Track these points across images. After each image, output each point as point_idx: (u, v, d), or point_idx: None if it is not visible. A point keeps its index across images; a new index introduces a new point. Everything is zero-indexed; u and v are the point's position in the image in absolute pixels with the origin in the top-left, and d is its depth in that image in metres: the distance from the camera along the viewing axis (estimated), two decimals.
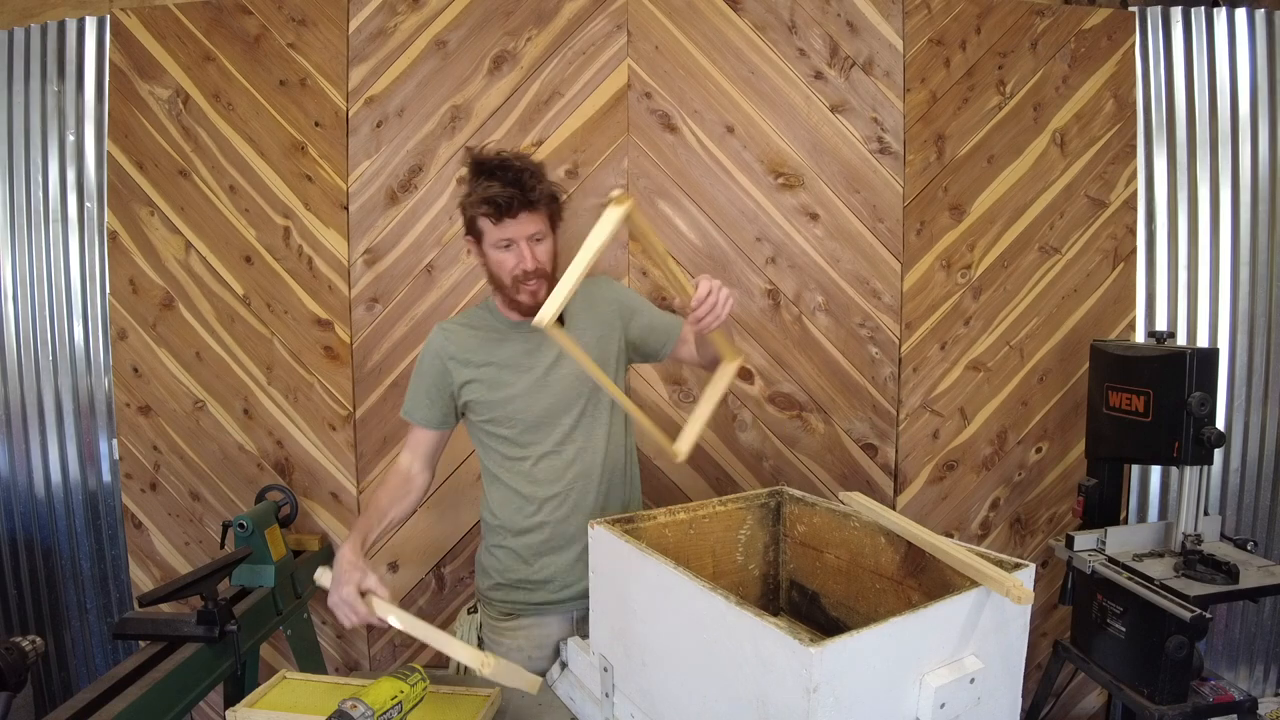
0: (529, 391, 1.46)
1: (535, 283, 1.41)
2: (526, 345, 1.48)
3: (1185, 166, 2.13)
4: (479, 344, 1.49)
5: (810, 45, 2.04)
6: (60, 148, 2.12)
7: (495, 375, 1.47)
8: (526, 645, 1.52)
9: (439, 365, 1.49)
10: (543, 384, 1.46)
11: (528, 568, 1.50)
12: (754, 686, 0.84)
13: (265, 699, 1.25)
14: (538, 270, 1.40)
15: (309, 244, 2.07)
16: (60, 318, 2.15)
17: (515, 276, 1.40)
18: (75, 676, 2.25)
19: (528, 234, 1.39)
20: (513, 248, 1.39)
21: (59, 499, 2.19)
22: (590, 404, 1.48)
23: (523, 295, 1.42)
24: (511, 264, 1.40)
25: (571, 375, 1.46)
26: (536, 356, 1.47)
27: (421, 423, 1.51)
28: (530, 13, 2.01)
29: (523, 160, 1.39)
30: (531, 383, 1.46)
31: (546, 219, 1.43)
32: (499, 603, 1.54)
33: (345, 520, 2.11)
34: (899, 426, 2.12)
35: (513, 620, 1.53)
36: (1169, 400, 1.63)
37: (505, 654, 1.52)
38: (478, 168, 1.40)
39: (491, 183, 1.35)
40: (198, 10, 2.04)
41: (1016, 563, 0.95)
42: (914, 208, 2.08)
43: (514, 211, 1.35)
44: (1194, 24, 2.10)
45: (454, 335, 1.50)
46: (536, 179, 1.38)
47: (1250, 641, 2.26)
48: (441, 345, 1.49)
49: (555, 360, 1.47)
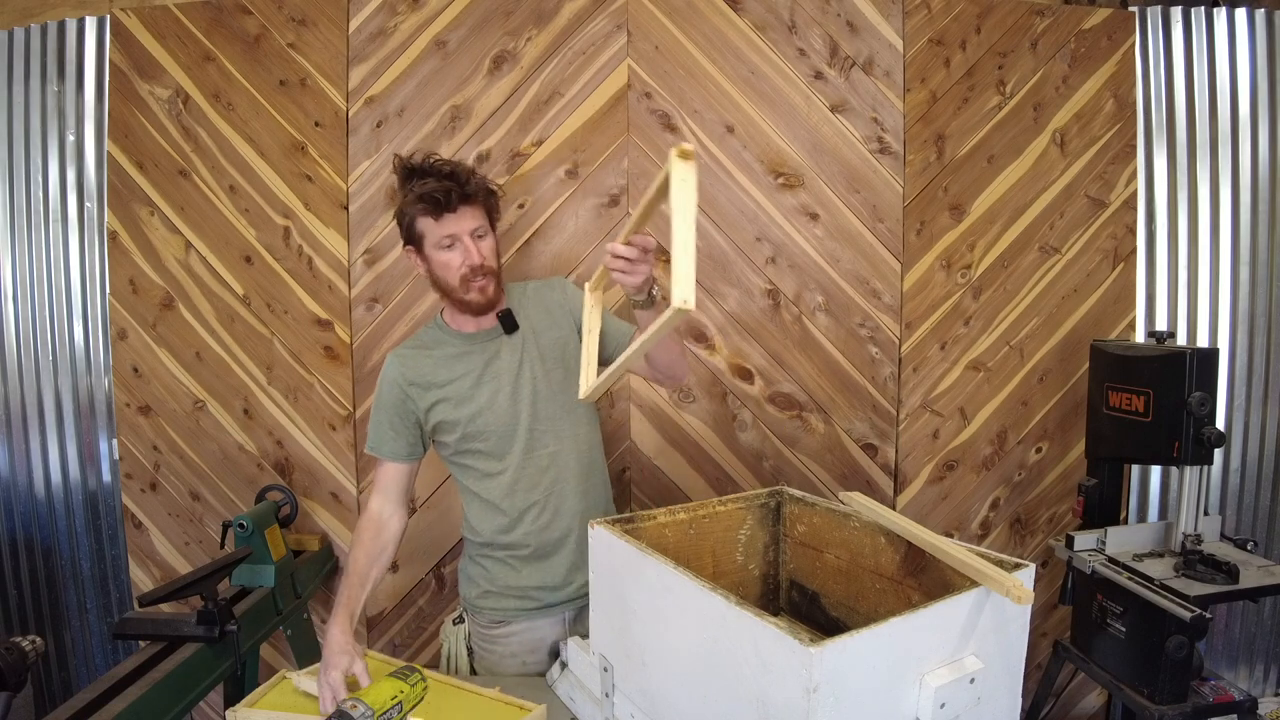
0: (495, 401, 1.45)
1: (484, 279, 1.40)
2: (484, 355, 1.47)
3: (1185, 166, 2.13)
4: (435, 365, 1.47)
5: (810, 45, 2.04)
6: (60, 148, 2.12)
7: (460, 391, 1.45)
8: (520, 650, 1.52)
9: (398, 394, 1.46)
10: (509, 392, 1.45)
11: (516, 575, 1.50)
12: (754, 686, 0.84)
13: (265, 699, 1.26)
14: (484, 266, 1.40)
15: (309, 244, 2.07)
16: (60, 318, 2.15)
17: (463, 275, 1.39)
18: (75, 676, 2.24)
19: (470, 229, 1.38)
20: (456, 245, 1.39)
21: (59, 499, 2.19)
22: (559, 406, 1.48)
23: (472, 294, 1.41)
24: (458, 262, 1.39)
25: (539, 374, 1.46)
26: (497, 364, 1.46)
27: (390, 456, 1.48)
28: (530, 13, 2.01)
29: (452, 161, 1.41)
30: (496, 392, 1.45)
31: (485, 214, 1.43)
32: (489, 610, 1.53)
33: (345, 520, 2.12)
34: (899, 426, 2.12)
35: (504, 627, 1.52)
36: (1169, 400, 1.63)
37: (498, 661, 1.52)
38: (408, 172, 1.41)
39: (426, 180, 1.36)
40: (198, 10, 2.04)
41: (1016, 563, 0.95)
42: (914, 208, 2.08)
43: (453, 205, 1.35)
44: (1194, 24, 2.10)
45: (409, 360, 1.47)
46: (469, 174, 1.40)
47: (1250, 641, 2.26)
48: (399, 373, 1.46)
49: (518, 366, 1.46)
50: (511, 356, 1.47)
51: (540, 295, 1.54)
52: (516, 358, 1.47)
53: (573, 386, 1.47)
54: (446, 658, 1.60)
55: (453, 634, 1.61)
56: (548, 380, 1.48)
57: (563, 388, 1.48)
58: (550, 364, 1.49)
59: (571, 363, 1.49)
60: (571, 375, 1.49)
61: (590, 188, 2.04)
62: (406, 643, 2.15)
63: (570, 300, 1.54)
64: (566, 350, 1.50)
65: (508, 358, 1.47)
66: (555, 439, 1.48)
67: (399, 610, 2.14)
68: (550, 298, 1.54)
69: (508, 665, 1.53)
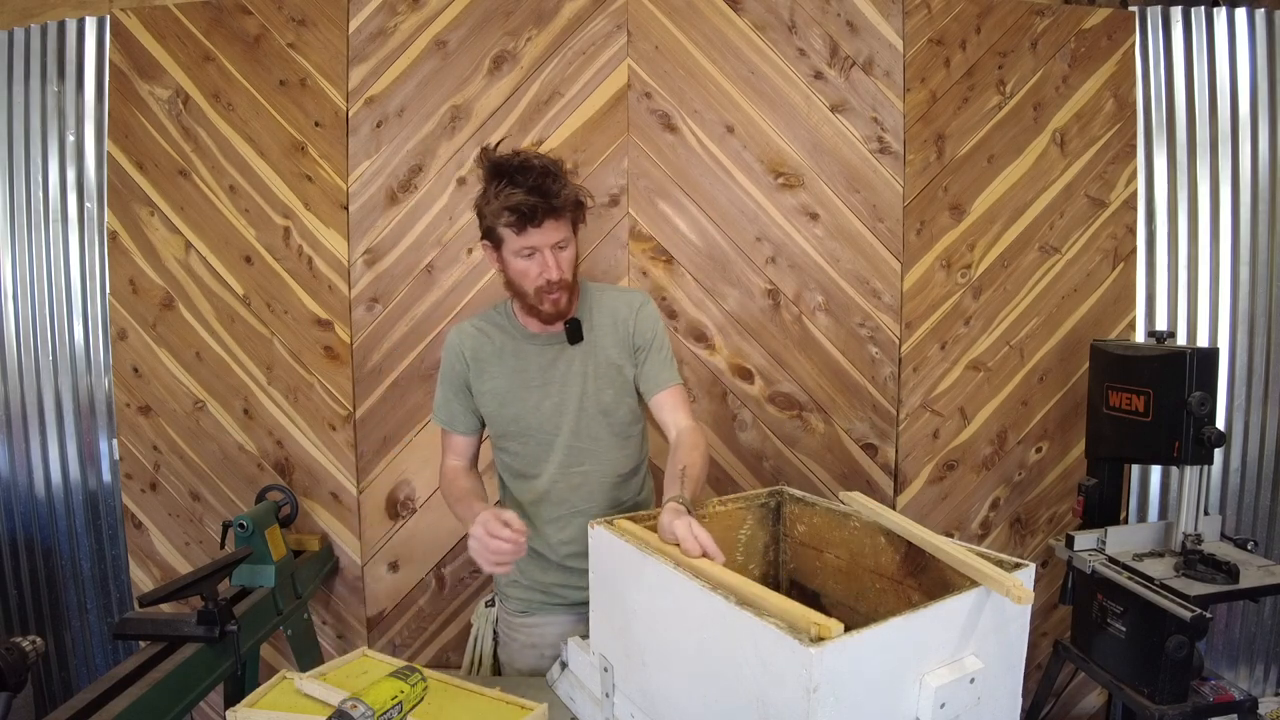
0: (541, 409, 1.42)
1: (559, 293, 1.35)
2: (541, 359, 1.43)
3: (1185, 166, 2.13)
4: (493, 352, 1.44)
5: (810, 45, 2.04)
6: (60, 148, 2.12)
7: (508, 389, 1.43)
8: (540, 643, 1.52)
9: (460, 366, 1.45)
10: (556, 402, 1.42)
11: (543, 573, 1.50)
12: (754, 686, 0.83)
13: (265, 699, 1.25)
14: (562, 280, 1.34)
15: (309, 244, 2.07)
16: (60, 318, 2.15)
17: (539, 287, 1.34)
18: (75, 676, 2.24)
19: (552, 242, 1.32)
20: (535, 256, 1.32)
21: (59, 499, 2.19)
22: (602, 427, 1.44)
23: (545, 305, 1.36)
24: (535, 273, 1.33)
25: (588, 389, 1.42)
26: (551, 371, 1.43)
27: (464, 431, 1.48)
28: (530, 13, 2.01)
29: (542, 160, 1.31)
30: (543, 399, 1.42)
31: (570, 225, 1.36)
32: (515, 599, 1.54)
33: (345, 520, 2.12)
34: (899, 426, 2.12)
35: (527, 617, 1.53)
36: (1169, 400, 1.62)
37: (518, 650, 1.53)
38: (496, 170, 1.31)
39: (514, 190, 1.27)
40: (198, 10, 2.04)
41: (1016, 562, 0.95)
42: (914, 207, 2.08)
43: (538, 220, 1.28)
44: (1194, 24, 2.10)
45: (471, 337, 1.46)
46: (560, 182, 1.30)
47: (1250, 641, 2.26)
48: (459, 344, 1.46)
49: (571, 379, 1.43)
50: (568, 367, 1.42)
51: (613, 306, 1.47)
52: (572, 369, 1.42)
53: (622, 408, 1.44)
54: (474, 638, 1.62)
55: (483, 615, 1.62)
56: (597, 399, 1.43)
57: (607, 409, 1.44)
58: (603, 382, 1.43)
59: (625, 381, 1.45)
60: (623, 395, 1.44)
61: (590, 187, 2.02)
62: (407, 643, 2.15)
63: (640, 320, 1.46)
64: (621, 371, 1.44)
65: (564, 367, 1.42)
66: (592, 458, 1.44)
67: (399, 610, 2.14)
68: (621, 312, 1.46)
69: (527, 656, 1.53)
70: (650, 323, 1.47)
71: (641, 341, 1.45)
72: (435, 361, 2.06)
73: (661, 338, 1.47)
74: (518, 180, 1.27)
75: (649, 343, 1.45)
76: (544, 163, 1.31)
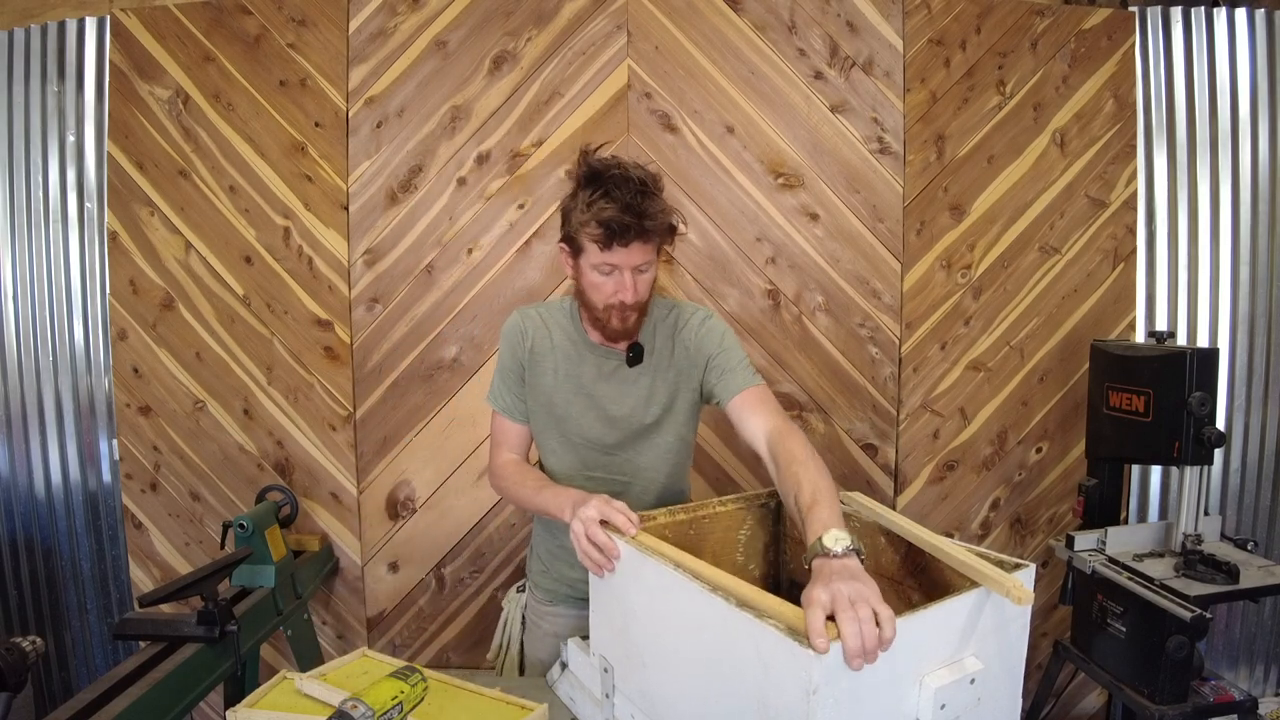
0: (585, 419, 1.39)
1: (630, 313, 1.30)
2: (597, 373, 1.39)
3: (1185, 166, 2.13)
4: (551, 349, 1.40)
5: (810, 45, 2.04)
6: (60, 148, 2.12)
7: (556, 390, 1.39)
8: (563, 632, 1.50)
9: (520, 350, 1.40)
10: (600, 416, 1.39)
11: (570, 568, 1.48)
12: (754, 687, 0.83)
13: (265, 699, 1.25)
14: (637, 304, 1.29)
15: (309, 244, 2.07)
16: (60, 318, 2.15)
17: (610, 305, 1.29)
18: (75, 677, 2.25)
19: (635, 264, 1.25)
20: (614, 274, 1.26)
21: (59, 499, 2.19)
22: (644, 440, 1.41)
23: (614, 322, 1.30)
24: (610, 290, 1.27)
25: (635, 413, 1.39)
26: (604, 386, 1.39)
27: (522, 418, 1.43)
28: (530, 13, 2.01)
29: (642, 173, 1.24)
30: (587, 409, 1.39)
31: (656, 249, 1.29)
32: (544, 590, 1.54)
33: (345, 520, 2.12)
34: (899, 426, 2.12)
35: (552, 607, 1.53)
36: (1169, 400, 1.62)
37: (541, 638, 1.54)
38: (592, 176, 1.25)
39: (607, 204, 1.20)
40: (198, 10, 2.04)
41: (1017, 563, 0.95)
42: (914, 208, 2.08)
43: (627, 240, 1.21)
44: (1194, 24, 2.10)
45: (533, 324, 1.41)
46: (656, 203, 1.23)
47: (1250, 641, 2.26)
48: (521, 327, 1.40)
49: (620, 393, 1.39)
50: (621, 386, 1.38)
51: (678, 327, 1.42)
52: (625, 389, 1.38)
53: (669, 434, 1.40)
54: (503, 622, 1.62)
55: (514, 601, 1.62)
56: (643, 420, 1.39)
57: (650, 430, 1.40)
58: (655, 408, 1.39)
59: (679, 408, 1.40)
60: (673, 422, 1.40)
61: None
62: (407, 643, 2.15)
63: (703, 340, 1.39)
64: (678, 394, 1.40)
65: (617, 385, 1.38)
66: (631, 473, 1.41)
67: (399, 610, 2.14)
68: (687, 335, 1.40)
69: (548, 645, 1.52)
70: (715, 336, 1.40)
71: (704, 358, 1.39)
72: (435, 362, 2.07)
73: (730, 347, 1.40)
74: (613, 194, 1.20)
75: (715, 354, 1.39)
76: (643, 176, 1.23)
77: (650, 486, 1.44)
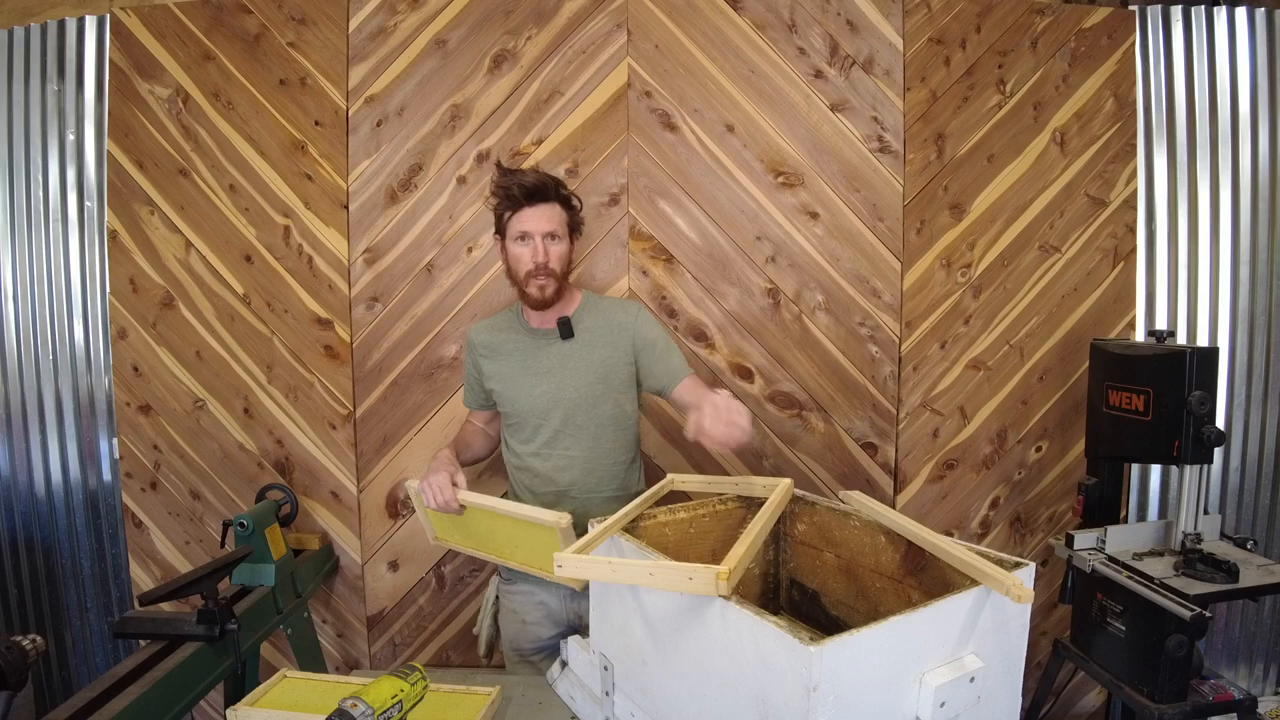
0: (534, 395, 1.59)
1: (544, 279, 1.52)
2: (538, 352, 1.61)
3: (1185, 165, 2.13)
4: (501, 344, 1.64)
5: (810, 44, 2.04)
6: (60, 147, 2.12)
7: (510, 374, 1.61)
8: (521, 609, 1.66)
9: (474, 356, 1.68)
10: (546, 390, 1.58)
11: None
12: (754, 685, 0.84)
13: (265, 698, 1.26)
14: (546, 266, 1.51)
15: (309, 243, 2.07)
16: (60, 317, 2.15)
17: (528, 271, 1.52)
18: (75, 676, 2.25)
19: (543, 230, 1.51)
20: (528, 242, 1.52)
21: (59, 498, 2.19)
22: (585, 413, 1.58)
23: (531, 289, 1.53)
24: (526, 258, 1.52)
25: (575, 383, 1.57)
26: (545, 362, 1.59)
27: (474, 406, 1.75)
28: (530, 11, 2.01)
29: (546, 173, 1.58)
30: (534, 387, 1.59)
31: (563, 220, 1.55)
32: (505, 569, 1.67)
33: (345, 520, 2.12)
34: (899, 425, 2.12)
35: (514, 585, 1.67)
36: (1169, 399, 1.62)
37: (507, 616, 1.70)
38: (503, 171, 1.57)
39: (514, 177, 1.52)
40: (197, 9, 2.04)
41: (1016, 561, 0.95)
42: (914, 207, 2.07)
43: (532, 201, 1.50)
44: (1194, 23, 2.10)
45: (484, 332, 1.68)
46: (552, 179, 1.55)
47: (1250, 640, 2.26)
48: (473, 340, 1.68)
49: (560, 371, 1.58)
50: (561, 361, 1.59)
51: (609, 312, 1.64)
52: (565, 363, 1.58)
53: (607, 404, 1.59)
54: (484, 603, 1.79)
55: (493, 583, 1.78)
56: (586, 391, 1.57)
57: (594, 402, 1.58)
58: (592, 378, 1.58)
59: (614, 381, 1.59)
60: (610, 392, 1.59)
61: (590, 187, 2.04)
62: (407, 641, 2.15)
63: (636, 325, 1.62)
64: (612, 369, 1.59)
65: (557, 360, 1.59)
66: (577, 445, 1.59)
67: (399, 610, 2.14)
68: (616, 317, 1.63)
69: (511, 622, 1.68)
70: (650, 326, 1.63)
71: (644, 344, 1.60)
72: (435, 360, 2.07)
73: (664, 338, 1.63)
74: (513, 175, 1.54)
75: (653, 343, 1.61)
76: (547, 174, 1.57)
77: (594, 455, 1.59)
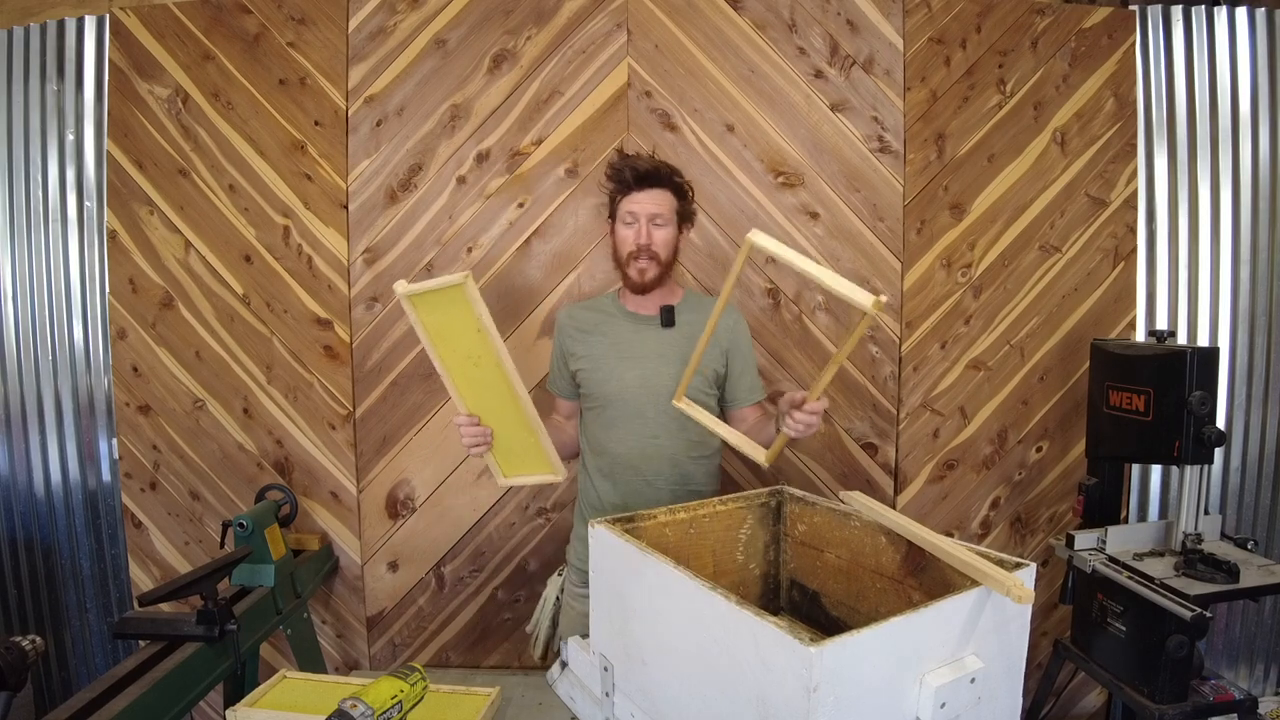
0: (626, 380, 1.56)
1: (645, 261, 1.53)
2: (635, 337, 1.60)
3: (1185, 165, 2.12)
4: (593, 326, 1.63)
5: (810, 44, 2.04)
6: (60, 147, 2.11)
7: (603, 355, 1.60)
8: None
9: (562, 336, 1.66)
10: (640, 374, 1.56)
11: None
12: (754, 686, 0.83)
13: (265, 698, 1.26)
14: (648, 248, 1.53)
15: (309, 243, 2.07)
16: (60, 318, 2.15)
17: (630, 252, 1.54)
18: (75, 676, 2.25)
19: (649, 213, 1.53)
20: (634, 225, 1.54)
21: (59, 499, 2.18)
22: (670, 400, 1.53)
23: (632, 270, 1.55)
24: (630, 239, 1.54)
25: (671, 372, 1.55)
26: (643, 348, 1.59)
27: (561, 394, 1.70)
28: (530, 11, 2.01)
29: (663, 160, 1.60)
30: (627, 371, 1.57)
31: (672, 207, 1.56)
32: (577, 570, 1.65)
33: (345, 520, 2.12)
34: (899, 426, 2.12)
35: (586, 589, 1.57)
36: (1169, 399, 1.62)
37: (574, 618, 1.65)
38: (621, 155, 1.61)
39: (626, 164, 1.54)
40: (197, 9, 2.04)
41: (1017, 562, 0.95)
42: (914, 207, 2.07)
43: (642, 185, 1.52)
44: (1194, 23, 2.10)
45: (576, 313, 1.67)
46: (666, 167, 1.56)
47: (1250, 641, 2.26)
48: (562, 322, 1.67)
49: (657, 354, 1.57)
50: (658, 347, 1.58)
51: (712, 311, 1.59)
52: (662, 351, 1.57)
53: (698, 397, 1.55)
54: (541, 602, 1.77)
55: (553, 583, 1.76)
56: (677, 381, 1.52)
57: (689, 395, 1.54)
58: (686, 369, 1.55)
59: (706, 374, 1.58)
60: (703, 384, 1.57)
61: (590, 186, 2.03)
62: (406, 642, 2.15)
63: (736, 330, 1.63)
64: (706, 363, 1.57)
65: (653, 346, 1.58)
66: (666, 433, 1.57)
67: (399, 609, 2.14)
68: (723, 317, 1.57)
69: (578, 625, 1.59)
70: (746, 336, 1.65)
71: (737, 351, 1.62)
72: None
73: (752, 354, 1.65)
74: (629, 159, 1.57)
75: (745, 354, 1.63)
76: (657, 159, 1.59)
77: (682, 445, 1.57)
